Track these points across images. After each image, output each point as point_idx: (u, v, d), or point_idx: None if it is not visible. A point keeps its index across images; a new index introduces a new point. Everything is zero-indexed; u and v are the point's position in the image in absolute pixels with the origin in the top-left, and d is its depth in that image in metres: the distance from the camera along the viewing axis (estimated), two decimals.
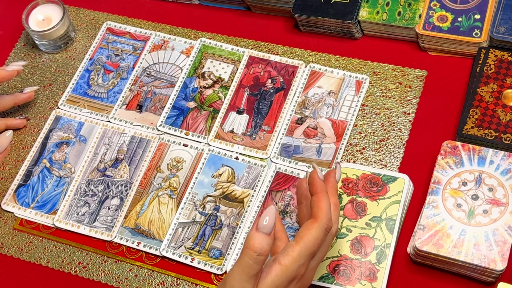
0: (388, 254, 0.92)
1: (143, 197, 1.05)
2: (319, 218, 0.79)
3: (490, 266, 0.87)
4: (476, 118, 0.98)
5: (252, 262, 0.76)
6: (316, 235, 0.79)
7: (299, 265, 0.79)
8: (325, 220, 0.79)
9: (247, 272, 0.77)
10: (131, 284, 1.00)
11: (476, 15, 1.05)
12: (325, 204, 0.80)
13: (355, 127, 1.05)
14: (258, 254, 0.76)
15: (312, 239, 0.79)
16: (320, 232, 0.79)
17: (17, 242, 1.05)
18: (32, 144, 1.13)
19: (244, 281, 0.77)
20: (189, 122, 1.10)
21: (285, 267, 0.78)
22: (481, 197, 0.92)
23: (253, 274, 0.77)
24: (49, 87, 1.18)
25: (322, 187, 0.82)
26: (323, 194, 0.81)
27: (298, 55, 1.12)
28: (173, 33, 1.19)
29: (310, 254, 0.79)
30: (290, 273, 0.79)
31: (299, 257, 0.79)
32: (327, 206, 0.80)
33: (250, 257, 0.77)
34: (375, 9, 1.09)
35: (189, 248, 1.00)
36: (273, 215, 0.77)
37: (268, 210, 0.78)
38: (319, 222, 0.79)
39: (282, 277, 0.78)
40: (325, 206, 0.80)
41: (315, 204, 0.80)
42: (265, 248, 0.77)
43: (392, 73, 1.08)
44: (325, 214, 0.80)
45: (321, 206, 0.80)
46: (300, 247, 0.79)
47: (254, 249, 0.76)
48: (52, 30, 1.17)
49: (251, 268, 0.77)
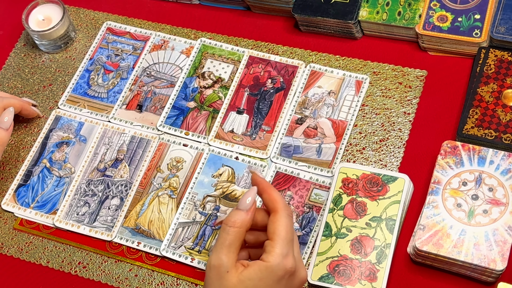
0: (388, 254, 0.92)
1: (143, 197, 1.05)
2: (279, 208, 0.84)
3: (490, 266, 0.87)
4: (476, 118, 0.98)
5: (224, 233, 0.83)
6: (284, 223, 0.83)
7: (283, 257, 0.81)
8: (284, 207, 0.84)
9: (221, 242, 0.82)
10: (131, 284, 1.00)
11: (476, 15, 1.05)
12: (276, 195, 0.85)
13: (355, 127, 1.05)
14: (229, 225, 0.82)
15: (283, 229, 0.83)
16: (285, 219, 0.84)
17: (17, 242, 1.05)
18: (32, 144, 1.13)
19: (219, 251, 0.82)
20: (189, 122, 1.10)
21: (269, 262, 0.81)
22: (481, 197, 0.92)
23: (226, 245, 0.82)
24: (49, 87, 1.18)
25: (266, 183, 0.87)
26: (270, 188, 0.86)
27: (298, 55, 1.12)
28: (173, 33, 1.19)
29: (288, 243, 0.83)
30: (276, 268, 0.81)
31: (280, 249, 0.82)
32: (279, 196, 0.85)
33: (223, 229, 0.83)
34: (375, 9, 1.09)
35: (189, 248, 1.00)
36: (254, 195, 0.84)
37: (251, 191, 0.84)
38: (280, 211, 0.84)
39: (266, 272, 0.81)
40: (277, 196, 0.85)
41: (269, 199, 0.85)
42: (235, 218, 0.83)
43: (392, 73, 1.08)
44: (281, 203, 0.85)
45: (274, 198, 0.85)
46: (275, 241, 0.82)
47: (226, 221, 0.83)
48: (52, 30, 1.17)
49: (224, 239, 0.82)
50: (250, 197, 0.84)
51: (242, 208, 0.83)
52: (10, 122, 1.06)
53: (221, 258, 0.81)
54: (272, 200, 0.85)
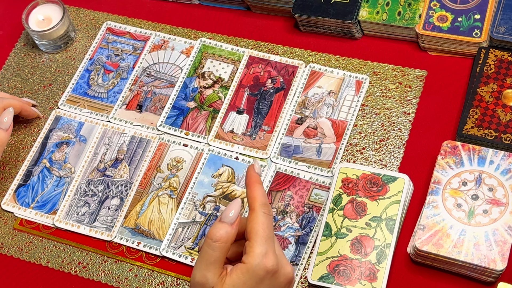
0: (388, 254, 0.92)
1: (143, 197, 1.05)
2: (256, 206, 0.81)
3: (490, 266, 0.87)
4: (476, 118, 0.98)
5: (209, 249, 0.79)
6: (260, 221, 0.80)
7: (262, 257, 0.79)
8: (261, 205, 0.81)
9: (206, 259, 0.79)
10: (131, 284, 1.00)
11: (476, 15, 1.05)
12: (257, 192, 0.82)
13: (355, 127, 1.05)
14: (214, 240, 0.79)
15: (260, 227, 0.80)
16: (263, 217, 0.81)
17: (17, 242, 1.05)
18: (32, 144, 1.13)
19: (203, 269, 0.79)
20: (189, 122, 1.10)
21: (249, 263, 0.79)
22: (481, 197, 0.92)
23: (212, 262, 0.79)
24: (49, 87, 1.18)
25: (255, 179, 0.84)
26: (255, 185, 0.83)
27: (298, 55, 1.12)
28: (173, 33, 1.19)
29: (267, 240, 0.80)
30: (256, 268, 0.79)
31: (259, 249, 0.79)
32: (260, 194, 0.82)
33: (207, 244, 0.79)
34: (375, 9, 1.09)
35: (189, 248, 1.00)
36: (238, 208, 0.80)
37: (235, 203, 0.81)
38: (257, 209, 0.81)
39: (248, 274, 0.79)
40: (258, 194, 0.82)
41: (249, 196, 0.83)
42: (220, 234, 0.79)
43: (392, 73, 1.08)
44: (259, 201, 0.82)
45: (253, 196, 0.82)
46: (253, 240, 0.80)
47: (210, 236, 0.79)
48: (52, 30, 1.17)
49: (209, 255, 0.79)
50: (233, 210, 0.80)
51: (227, 221, 0.80)
52: (9, 123, 1.06)
53: (206, 276, 0.79)
54: (252, 197, 0.82)
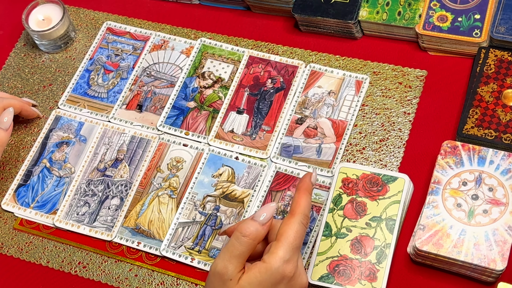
0: (388, 254, 0.92)
1: (143, 197, 1.05)
2: (296, 213, 0.82)
3: (490, 266, 0.87)
4: (476, 118, 0.98)
5: (236, 242, 0.80)
6: (295, 228, 0.81)
7: (284, 262, 0.79)
8: (301, 213, 0.82)
9: (231, 251, 0.80)
10: (131, 284, 1.00)
11: (476, 15, 1.05)
12: (304, 200, 0.83)
13: (355, 127, 1.05)
14: (243, 235, 0.80)
15: (292, 233, 0.81)
16: (299, 225, 0.81)
17: (17, 242, 1.05)
18: (32, 144, 1.13)
19: (227, 260, 0.80)
20: (189, 122, 1.10)
21: (269, 264, 0.79)
22: (481, 197, 0.92)
23: (236, 254, 0.80)
24: (49, 87, 1.18)
25: (307, 186, 0.84)
26: (305, 193, 0.84)
27: (298, 55, 1.12)
28: (173, 33, 1.19)
29: (294, 249, 0.81)
30: (275, 271, 0.79)
31: (283, 253, 0.80)
32: (305, 203, 0.83)
33: (235, 237, 0.80)
34: (375, 9, 1.09)
35: (189, 248, 1.00)
36: (272, 212, 0.81)
37: (269, 207, 0.81)
38: (296, 216, 0.82)
39: (266, 274, 0.79)
40: (304, 202, 0.83)
41: (295, 200, 0.83)
42: (250, 230, 0.80)
43: (392, 73, 1.08)
44: (302, 210, 0.82)
45: (299, 202, 0.83)
46: (281, 243, 0.80)
47: (240, 230, 0.80)
48: (52, 30, 1.17)
49: (234, 248, 0.80)
50: (266, 213, 0.81)
51: (258, 221, 0.81)
52: (9, 123, 1.06)
53: (227, 267, 0.80)
54: (296, 202, 0.83)
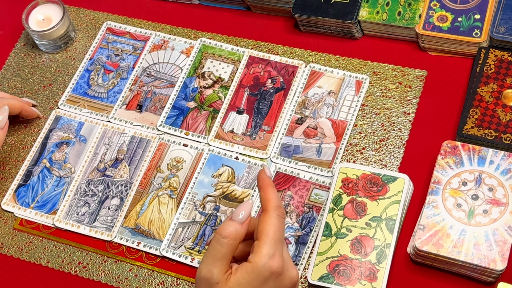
0: (388, 254, 0.92)
1: (143, 197, 1.05)
2: (269, 208, 0.82)
3: (490, 266, 0.87)
4: (476, 118, 0.98)
5: (217, 245, 0.80)
6: (272, 223, 0.81)
7: (269, 258, 0.79)
8: (274, 207, 0.82)
9: (213, 254, 0.80)
10: (131, 284, 1.00)
11: (476, 15, 1.05)
12: (271, 194, 0.83)
13: (355, 127, 1.05)
14: (223, 236, 0.80)
15: (271, 229, 0.81)
16: (275, 219, 0.82)
17: (17, 242, 1.05)
18: (32, 144, 1.13)
19: (210, 264, 0.80)
20: (189, 122, 1.10)
21: (255, 263, 0.79)
22: (481, 197, 0.92)
23: (219, 257, 0.79)
24: (49, 87, 1.18)
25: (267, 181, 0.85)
26: (268, 187, 0.84)
27: (298, 55, 1.12)
28: (173, 33, 1.19)
29: (276, 243, 0.81)
30: (261, 268, 0.79)
31: (266, 249, 0.80)
32: (274, 196, 0.83)
33: (216, 240, 0.80)
34: (375, 9, 1.09)
35: (189, 248, 1.00)
36: (249, 209, 0.81)
37: (246, 205, 0.82)
38: (270, 211, 0.82)
39: (253, 274, 0.79)
40: (272, 196, 0.83)
41: (263, 197, 0.84)
42: (230, 231, 0.80)
43: (392, 73, 1.08)
44: (273, 203, 0.83)
45: (268, 197, 0.83)
46: (262, 240, 0.80)
47: (220, 232, 0.80)
48: (52, 30, 1.17)
49: (216, 251, 0.80)
50: (244, 211, 0.81)
51: (237, 220, 0.81)
52: (5, 121, 1.06)
53: (212, 271, 0.79)
54: (265, 199, 0.83)
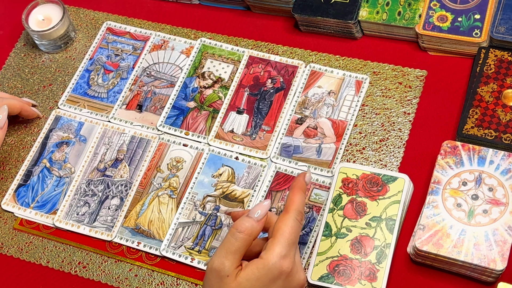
0: (388, 254, 0.92)
1: (143, 197, 1.05)
2: (291, 210, 0.83)
3: (490, 266, 0.87)
4: (476, 118, 0.98)
5: (232, 238, 0.81)
6: (290, 225, 0.82)
7: (280, 257, 0.80)
8: (296, 210, 0.83)
9: (227, 247, 0.81)
10: (131, 284, 1.00)
11: (476, 15, 1.05)
12: (298, 198, 0.84)
13: (355, 127, 1.05)
14: (239, 231, 0.81)
15: (287, 230, 0.82)
16: (294, 221, 0.83)
17: (17, 242, 1.05)
18: (32, 144, 1.13)
19: (223, 256, 0.81)
20: (189, 122, 1.10)
21: (266, 260, 0.80)
22: (481, 197, 0.92)
23: (232, 250, 0.80)
24: (49, 87, 1.18)
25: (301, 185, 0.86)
26: (299, 191, 0.85)
27: (298, 55, 1.12)
28: (173, 33, 1.19)
29: (290, 244, 0.81)
30: (272, 266, 0.80)
31: (279, 249, 0.81)
32: (299, 201, 0.84)
33: (231, 234, 0.81)
34: (375, 9, 1.09)
35: (189, 248, 1.00)
36: (265, 210, 0.83)
37: (263, 205, 0.83)
38: (291, 212, 0.83)
39: (263, 270, 0.80)
40: (298, 200, 0.84)
41: (289, 198, 0.85)
42: (246, 226, 0.81)
43: (392, 73, 1.08)
44: (296, 207, 0.84)
45: (294, 200, 0.84)
46: (277, 239, 0.81)
47: (236, 226, 0.81)
48: (52, 30, 1.17)
49: (230, 244, 0.81)
50: (260, 210, 0.82)
51: (253, 217, 0.82)
52: (4, 120, 1.06)
53: (224, 263, 0.80)
54: (291, 200, 0.84)
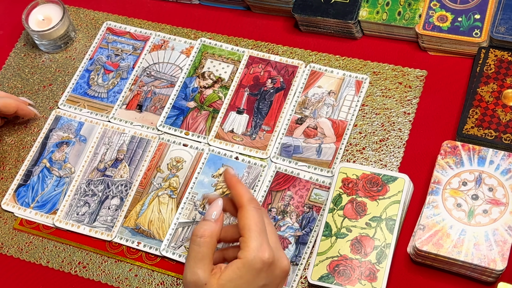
0: (388, 254, 0.92)
1: (143, 197, 1.05)
2: (244, 202, 0.83)
3: (490, 266, 0.87)
4: (476, 118, 0.98)
5: (195, 246, 0.81)
6: (251, 216, 0.82)
7: (258, 250, 0.80)
8: (249, 201, 0.83)
9: (193, 256, 0.80)
10: (131, 284, 1.00)
11: (476, 15, 1.05)
12: (242, 190, 0.84)
13: (355, 127, 1.05)
14: (199, 236, 0.81)
15: (251, 222, 0.81)
16: (252, 211, 0.82)
17: (17, 242, 1.05)
18: (32, 144, 1.13)
19: (193, 266, 0.80)
20: (189, 122, 1.10)
21: (245, 258, 0.80)
22: (481, 197, 0.92)
23: (200, 258, 0.80)
24: (49, 87, 1.18)
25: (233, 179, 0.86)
26: (236, 184, 0.85)
27: (298, 55, 1.12)
28: (173, 33, 1.19)
29: (260, 234, 0.81)
30: (252, 261, 0.79)
31: (253, 243, 0.80)
32: (244, 190, 0.84)
33: (193, 241, 0.81)
34: (375, 9, 1.09)
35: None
36: (219, 208, 0.83)
37: (215, 204, 0.84)
38: (246, 205, 0.83)
39: (244, 268, 0.79)
40: (243, 190, 0.84)
41: (235, 194, 0.85)
42: (204, 229, 0.81)
43: (392, 73, 1.08)
44: (247, 197, 0.83)
45: (239, 193, 0.84)
46: (247, 235, 0.81)
47: (195, 233, 0.81)
48: (52, 30, 1.17)
49: (196, 252, 0.80)
50: (215, 211, 0.83)
51: (210, 219, 0.82)
52: None
53: (197, 273, 0.80)
54: (237, 195, 0.84)
